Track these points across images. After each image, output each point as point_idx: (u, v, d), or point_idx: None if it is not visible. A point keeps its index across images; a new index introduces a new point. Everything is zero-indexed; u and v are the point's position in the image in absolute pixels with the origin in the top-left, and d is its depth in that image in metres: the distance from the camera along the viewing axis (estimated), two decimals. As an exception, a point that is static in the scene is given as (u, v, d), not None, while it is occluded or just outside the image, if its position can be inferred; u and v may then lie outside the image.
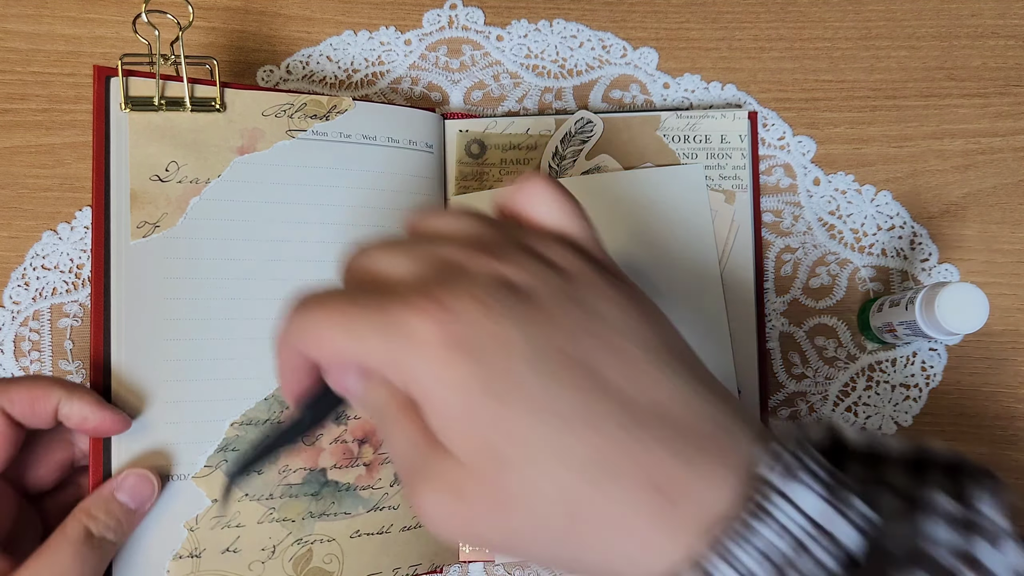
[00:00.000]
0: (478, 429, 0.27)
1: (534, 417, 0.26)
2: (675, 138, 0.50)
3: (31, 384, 0.38)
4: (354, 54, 0.53)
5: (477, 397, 0.26)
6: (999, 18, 0.55)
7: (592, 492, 0.26)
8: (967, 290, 0.44)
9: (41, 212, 0.50)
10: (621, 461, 0.26)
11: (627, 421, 0.27)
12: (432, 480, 0.28)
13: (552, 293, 0.29)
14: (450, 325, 0.27)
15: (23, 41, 0.51)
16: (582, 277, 0.30)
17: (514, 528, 0.27)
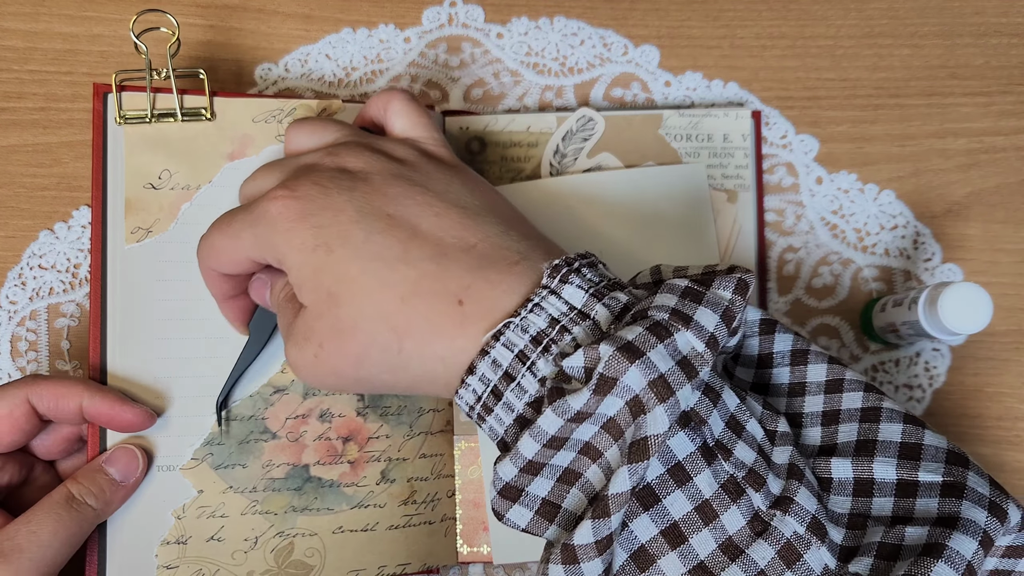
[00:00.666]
0: (316, 277, 0.34)
1: (358, 260, 0.34)
2: (677, 137, 0.50)
3: (57, 382, 0.41)
4: (353, 52, 0.53)
5: (313, 252, 0.34)
6: (1002, 16, 0.54)
7: (407, 310, 0.33)
8: (970, 290, 0.43)
9: (38, 211, 0.50)
10: (431, 284, 0.34)
11: (437, 255, 0.34)
12: (293, 336, 0.36)
13: (383, 173, 0.36)
14: (294, 204, 0.35)
15: (20, 39, 0.51)
16: (416, 163, 0.38)
17: (356, 353, 0.34)
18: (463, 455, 0.48)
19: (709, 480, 0.31)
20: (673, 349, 0.30)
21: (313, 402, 0.45)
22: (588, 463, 0.32)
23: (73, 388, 0.41)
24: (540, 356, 0.32)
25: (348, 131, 0.40)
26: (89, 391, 0.41)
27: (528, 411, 0.32)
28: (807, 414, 0.35)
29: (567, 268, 0.33)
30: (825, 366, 0.35)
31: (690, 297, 0.32)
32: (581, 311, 0.33)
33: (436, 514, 0.47)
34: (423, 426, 0.47)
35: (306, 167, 0.37)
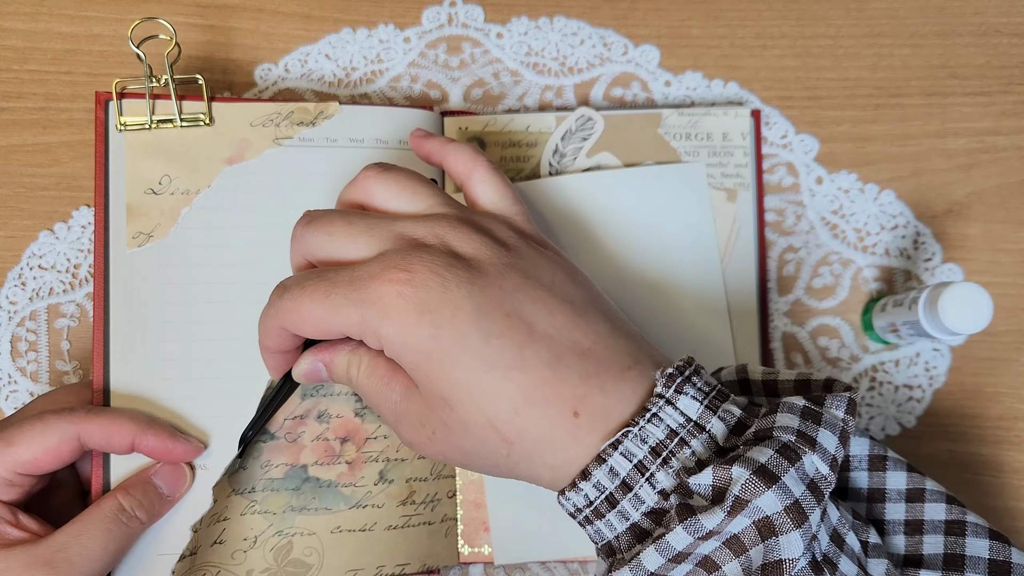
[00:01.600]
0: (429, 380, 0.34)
1: (473, 369, 0.33)
2: (676, 136, 0.50)
3: (109, 420, 0.41)
4: (353, 52, 0.53)
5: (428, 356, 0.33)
6: (1002, 16, 0.54)
7: (519, 420, 0.33)
8: (971, 290, 0.43)
9: (38, 211, 0.50)
10: (544, 393, 0.33)
11: (552, 360, 0.33)
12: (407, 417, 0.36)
13: (493, 262, 0.35)
14: (412, 294, 0.33)
15: (20, 39, 0.51)
16: (517, 248, 0.37)
17: (464, 449, 0.35)
18: (463, 455, 0.48)
19: None
20: (803, 473, 0.31)
21: (311, 403, 0.45)
22: (703, 574, 0.32)
23: (125, 426, 0.40)
24: (659, 468, 0.32)
25: (441, 197, 0.38)
26: (141, 428, 0.41)
27: (645, 521, 0.33)
28: (889, 521, 0.36)
29: (681, 377, 0.33)
30: (905, 474, 0.36)
31: (811, 418, 0.32)
32: (697, 423, 0.33)
33: (436, 515, 0.47)
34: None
35: (414, 244, 0.35)
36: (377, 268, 0.34)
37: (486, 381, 0.33)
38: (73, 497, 0.44)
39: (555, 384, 0.33)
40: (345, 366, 0.38)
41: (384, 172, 0.38)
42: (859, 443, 0.37)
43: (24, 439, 0.39)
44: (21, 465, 0.39)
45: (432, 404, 0.34)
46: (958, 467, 0.51)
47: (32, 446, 0.39)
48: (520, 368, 0.33)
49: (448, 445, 0.35)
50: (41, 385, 0.49)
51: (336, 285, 0.35)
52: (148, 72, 0.44)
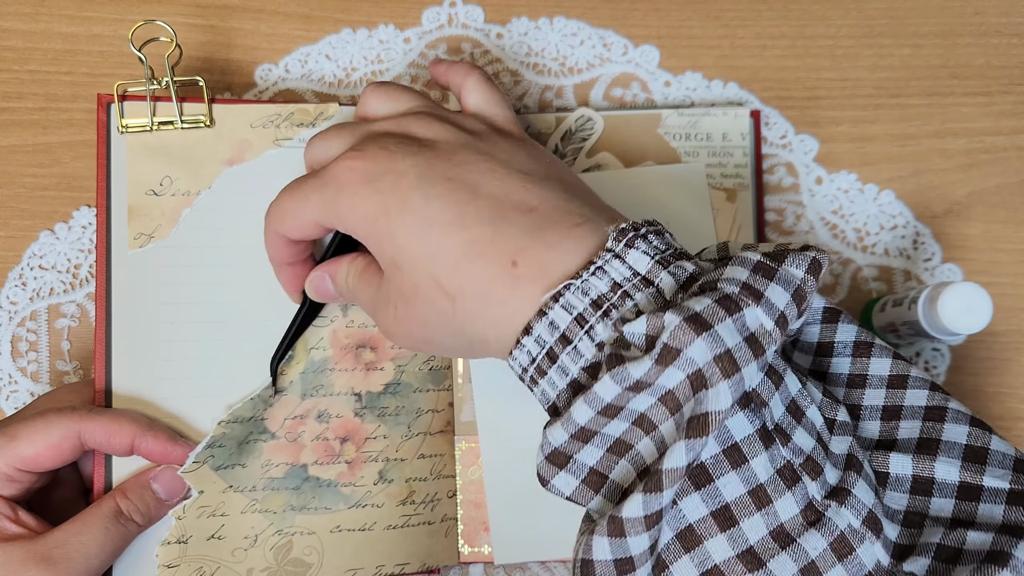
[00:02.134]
0: (381, 246, 0.36)
1: (415, 227, 0.34)
2: (676, 136, 0.50)
3: (110, 420, 0.41)
4: (353, 52, 0.53)
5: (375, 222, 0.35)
6: (1002, 16, 0.54)
7: (459, 273, 0.33)
8: (970, 290, 0.43)
9: (38, 211, 0.50)
10: (483, 247, 0.33)
11: (494, 217, 0.34)
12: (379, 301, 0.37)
13: (448, 141, 0.37)
14: (360, 167, 0.36)
15: (20, 39, 0.51)
16: (484, 135, 0.38)
17: (418, 317, 0.35)
18: (464, 455, 0.48)
19: (765, 464, 0.30)
20: (741, 325, 0.29)
21: (311, 403, 0.45)
22: (641, 435, 0.30)
23: (126, 426, 0.41)
24: (600, 320, 0.31)
25: (423, 101, 0.40)
26: (141, 429, 0.41)
27: (583, 376, 0.31)
28: (866, 407, 0.34)
29: (633, 232, 0.32)
30: (889, 361, 0.34)
31: (762, 272, 0.30)
32: (645, 277, 0.31)
33: (436, 514, 0.47)
34: (421, 427, 0.47)
35: (376, 133, 0.38)
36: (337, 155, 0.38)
37: (427, 238, 0.34)
38: (75, 496, 0.44)
39: (495, 238, 0.33)
40: (344, 274, 0.40)
41: (379, 84, 0.41)
42: (846, 330, 0.35)
43: (26, 435, 0.39)
44: (22, 460, 0.39)
45: (390, 277, 0.36)
46: (958, 467, 0.51)
47: (34, 442, 0.39)
48: (460, 225, 0.34)
49: (409, 318, 0.36)
50: (41, 385, 0.49)
51: (306, 178, 0.38)
52: (149, 74, 0.44)
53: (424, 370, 0.48)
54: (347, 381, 0.46)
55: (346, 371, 0.46)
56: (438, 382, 0.48)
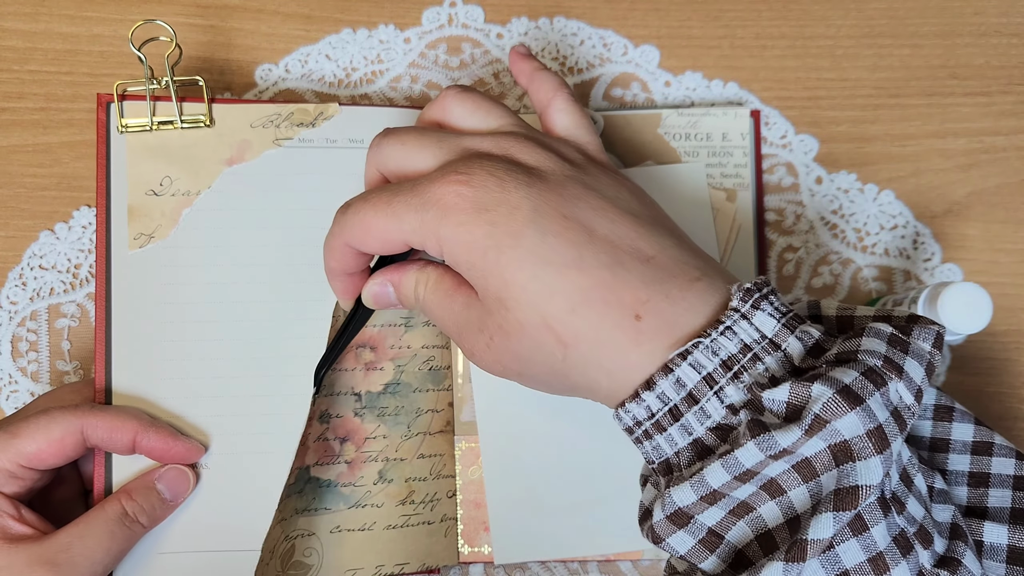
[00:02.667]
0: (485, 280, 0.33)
1: (528, 266, 0.32)
2: (676, 136, 0.50)
3: (113, 416, 0.41)
4: (353, 52, 0.53)
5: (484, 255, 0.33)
6: (1002, 16, 0.54)
7: (576, 320, 0.32)
8: (970, 290, 0.43)
9: (38, 211, 0.50)
10: (604, 294, 0.32)
11: (612, 263, 0.32)
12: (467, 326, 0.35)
13: (555, 171, 0.35)
14: (469, 194, 0.33)
15: (20, 39, 0.51)
16: (585, 166, 0.36)
17: (520, 354, 0.34)
18: (463, 455, 0.48)
19: (883, 532, 0.29)
20: (887, 399, 0.29)
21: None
22: (766, 498, 0.30)
23: (128, 422, 0.41)
24: (730, 382, 0.31)
25: (515, 120, 0.38)
26: (143, 426, 0.41)
27: (710, 437, 0.31)
28: (951, 472, 0.35)
29: (758, 294, 0.32)
30: (972, 427, 0.35)
31: (898, 346, 0.30)
32: (772, 341, 0.31)
33: (435, 514, 0.47)
34: (421, 427, 0.47)
35: (476, 153, 0.35)
36: (437, 174, 0.34)
37: (541, 278, 0.32)
38: (75, 495, 0.44)
39: (615, 286, 0.32)
40: (413, 284, 0.38)
41: (463, 92, 0.39)
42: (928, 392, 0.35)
43: (29, 432, 0.39)
44: (25, 457, 0.39)
45: (490, 307, 0.34)
46: (958, 467, 0.51)
47: (36, 439, 0.39)
48: (578, 267, 0.32)
49: (505, 352, 0.34)
50: (42, 385, 0.49)
51: (398, 193, 0.35)
52: (149, 74, 0.45)
53: (424, 370, 0.48)
54: (347, 381, 0.46)
55: (346, 371, 0.46)
56: (438, 382, 0.48)
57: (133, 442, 0.41)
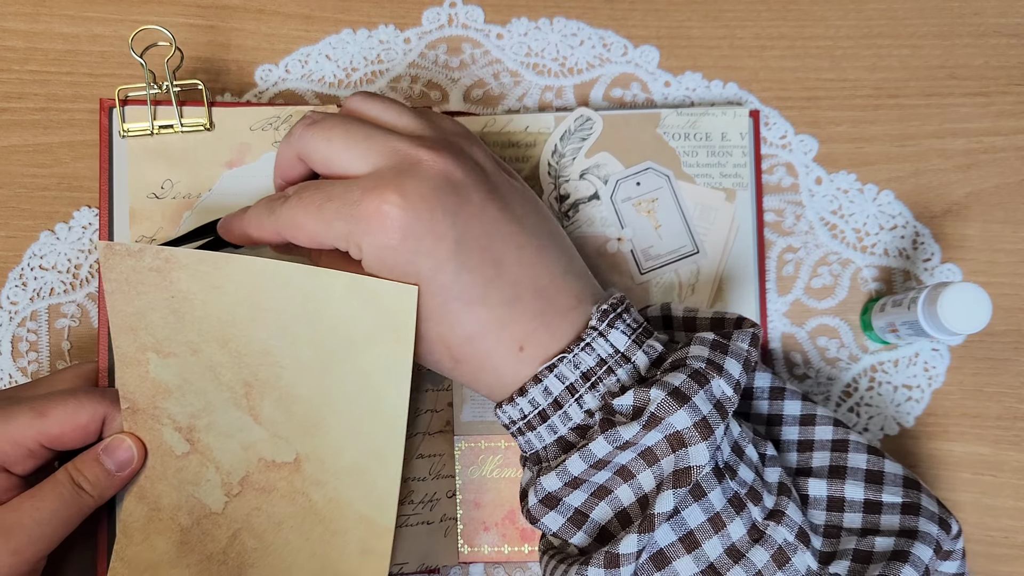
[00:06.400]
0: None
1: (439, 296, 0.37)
2: (675, 136, 0.50)
3: (76, 405, 0.41)
4: (353, 53, 0.53)
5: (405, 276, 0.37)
6: (1001, 16, 0.54)
7: (470, 347, 0.38)
8: (970, 290, 0.43)
9: (39, 211, 0.50)
10: (499, 329, 0.37)
11: (511, 299, 0.37)
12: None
13: (479, 190, 0.38)
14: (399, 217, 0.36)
15: (20, 39, 0.51)
16: (494, 175, 0.40)
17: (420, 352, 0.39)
18: (463, 455, 0.48)
19: (719, 496, 0.36)
20: (710, 394, 0.36)
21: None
22: (620, 482, 0.37)
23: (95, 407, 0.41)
24: (588, 391, 0.37)
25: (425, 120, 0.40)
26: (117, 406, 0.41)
27: (571, 435, 0.38)
28: (784, 441, 0.42)
29: (613, 314, 0.38)
30: (800, 403, 0.42)
31: (719, 349, 0.37)
32: (624, 355, 0.38)
33: (435, 514, 0.47)
34: (420, 427, 0.47)
35: (410, 163, 0.37)
36: (371, 183, 0.36)
37: (449, 308, 0.37)
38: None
39: (509, 321, 0.37)
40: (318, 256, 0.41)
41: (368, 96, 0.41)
42: (762, 377, 0.43)
43: (56, 413, 0.40)
44: (48, 438, 0.40)
45: None
46: (957, 467, 0.51)
47: (63, 421, 0.40)
48: (482, 303, 0.37)
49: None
50: (42, 385, 0.49)
51: (331, 199, 0.37)
52: (151, 79, 0.45)
53: (423, 370, 0.48)
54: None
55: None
56: (437, 382, 0.48)
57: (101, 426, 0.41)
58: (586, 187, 0.50)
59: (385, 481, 0.42)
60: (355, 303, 0.39)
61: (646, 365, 0.38)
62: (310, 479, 0.42)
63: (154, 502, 0.42)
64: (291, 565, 0.43)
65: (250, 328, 0.40)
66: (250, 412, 0.41)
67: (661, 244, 0.49)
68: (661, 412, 0.35)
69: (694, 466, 0.35)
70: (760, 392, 0.43)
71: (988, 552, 0.50)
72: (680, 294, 0.49)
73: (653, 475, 0.36)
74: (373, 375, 0.40)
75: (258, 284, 0.39)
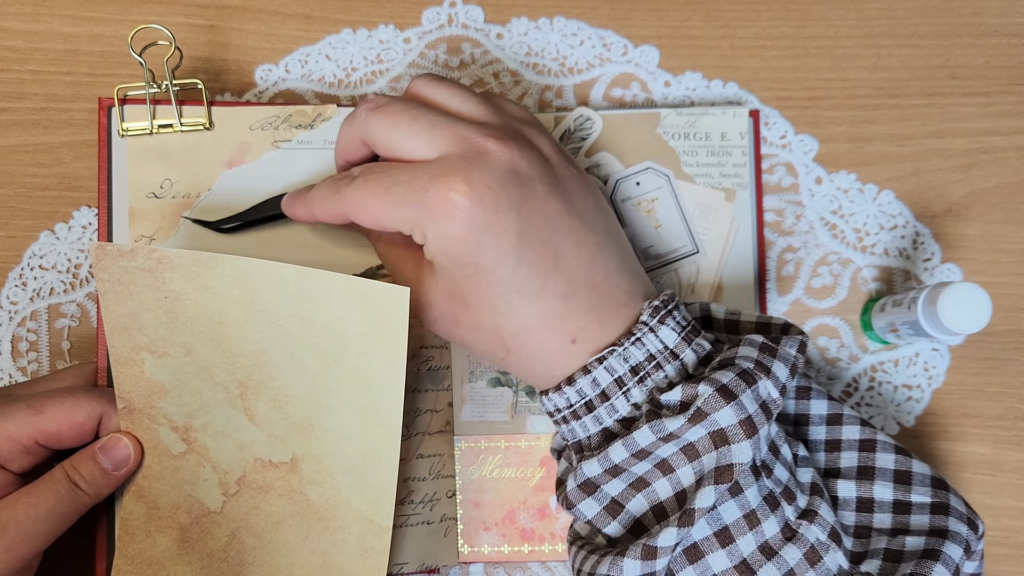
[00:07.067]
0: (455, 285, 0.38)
1: (498, 287, 0.37)
2: (675, 135, 0.50)
3: (73, 403, 0.41)
4: (353, 53, 0.53)
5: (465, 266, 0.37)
6: (1001, 16, 0.54)
7: (524, 337, 0.38)
8: (970, 290, 0.43)
9: (39, 211, 0.50)
10: (552, 321, 0.38)
11: (567, 293, 0.38)
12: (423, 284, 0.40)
13: (543, 182, 0.38)
14: (467, 207, 0.36)
15: (20, 39, 0.51)
16: (559, 167, 0.40)
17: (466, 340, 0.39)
18: (463, 455, 0.48)
19: (755, 493, 0.37)
20: (756, 394, 0.36)
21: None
22: (659, 475, 0.37)
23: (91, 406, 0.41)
24: (636, 385, 0.38)
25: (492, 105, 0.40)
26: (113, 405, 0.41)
27: (616, 426, 0.38)
28: (812, 440, 0.42)
29: (664, 311, 0.38)
30: (826, 402, 0.42)
31: (768, 352, 0.38)
32: (673, 351, 0.38)
33: (435, 514, 0.47)
34: (420, 426, 0.47)
35: (477, 152, 0.37)
36: (438, 171, 0.37)
37: (507, 299, 0.37)
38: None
39: (564, 314, 0.38)
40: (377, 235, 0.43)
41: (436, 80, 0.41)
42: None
43: (53, 411, 0.40)
44: (44, 436, 0.40)
45: (450, 297, 0.38)
46: (957, 466, 0.51)
47: (59, 419, 0.40)
48: (539, 295, 0.37)
49: (453, 333, 0.40)
50: (42, 385, 0.49)
51: (397, 183, 0.37)
52: (150, 78, 0.45)
53: (423, 370, 0.48)
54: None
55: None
56: (437, 382, 0.48)
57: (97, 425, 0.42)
58: (586, 187, 0.50)
59: (383, 480, 0.42)
60: (349, 304, 0.39)
61: (694, 363, 0.38)
62: (307, 479, 0.42)
63: (153, 501, 0.42)
64: (291, 563, 0.43)
65: (243, 328, 0.40)
66: (245, 412, 0.41)
67: (661, 244, 0.49)
68: (708, 407, 0.35)
69: (736, 463, 0.35)
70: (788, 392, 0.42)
71: (988, 552, 0.50)
72: (680, 294, 0.49)
73: (693, 470, 0.36)
74: (368, 375, 0.40)
75: (251, 284, 0.39)
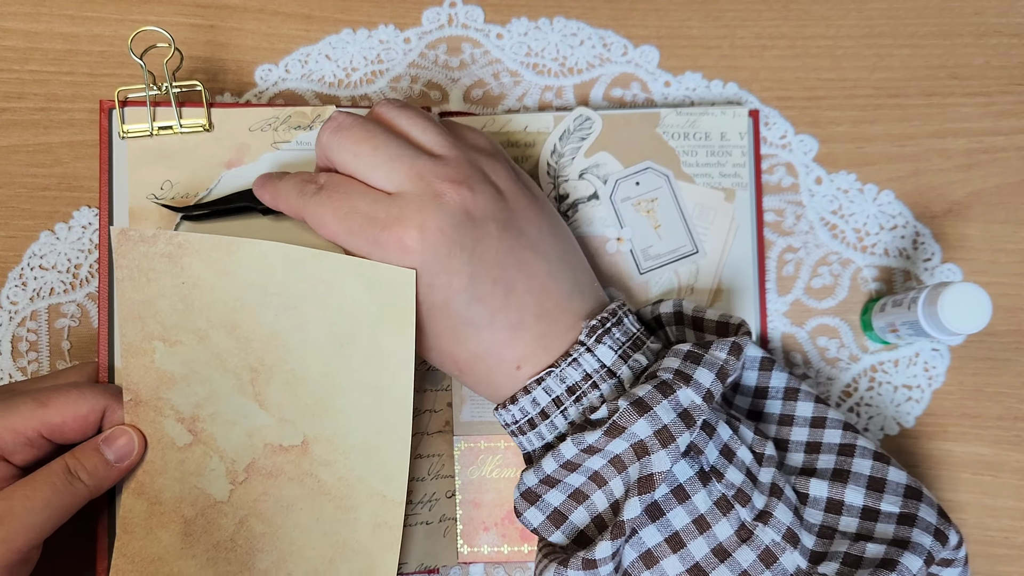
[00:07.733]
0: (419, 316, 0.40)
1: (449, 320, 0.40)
2: (675, 135, 0.50)
3: (78, 396, 0.41)
4: (353, 53, 0.53)
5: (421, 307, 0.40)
6: (1002, 16, 0.54)
7: (474, 363, 0.41)
8: (970, 290, 0.43)
9: (39, 211, 0.50)
10: (501, 350, 0.40)
11: (516, 324, 0.40)
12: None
13: (496, 219, 0.40)
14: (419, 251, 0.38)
15: (20, 39, 0.51)
16: (513, 199, 0.41)
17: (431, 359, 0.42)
18: (463, 455, 0.48)
19: (704, 498, 0.38)
20: (675, 403, 0.37)
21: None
22: (595, 488, 0.39)
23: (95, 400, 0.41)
24: (572, 404, 0.40)
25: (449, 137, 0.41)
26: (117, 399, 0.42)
27: (556, 442, 0.40)
28: (793, 441, 0.43)
29: (602, 329, 0.40)
30: (812, 404, 0.43)
31: (691, 359, 0.39)
32: (610, 369, 0.40)
33: (434, 514, 0.47)
34: (419, 427, 0.47)
35: (432, 194, 0.38)
36: (395, 212, 0.38)
37: (459, 331, 0.40)
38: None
39: (512, 343, 0.40)
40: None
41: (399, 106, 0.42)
42: (779, 377, 0.44)
43: (57, 404, 0.40)
44: (48, 428, 0.40)
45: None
46: (957, 467, 0.51)
47: (63, 412, 0.40)
48: (488, 328, 0.40)
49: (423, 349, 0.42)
50: (42, 385, 0.49)
51: (356, 212, 0.39)
52: (150, 80, 0.45)
53: (422, 370, 0.48)
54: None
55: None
56: (436, 382, 0.48)
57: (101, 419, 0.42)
58: (585, 187, 0.50)
59: (395, 456, 0.42)
60: (360, 285, 0.40)
61: (630, 379, 0.40)
62: (318, 460, 0.42)
63: (154, 496, 0.42)
64: (303, 546, 0.43)
65: (258, 312, 0.41)
66: (256, 398, 0.42)
67: (660, 244, 0.49)
68: (623, 421, 0.37)
69: (656, 472, 0.36)
70: (775, 392, 0.44)
71: (988, 552, 0.50)
72: (680, 294, 0.49)
73: (622, 482, 0.38)
74: (378, 354, 0.41)
75: (268, 268, 0.40)
